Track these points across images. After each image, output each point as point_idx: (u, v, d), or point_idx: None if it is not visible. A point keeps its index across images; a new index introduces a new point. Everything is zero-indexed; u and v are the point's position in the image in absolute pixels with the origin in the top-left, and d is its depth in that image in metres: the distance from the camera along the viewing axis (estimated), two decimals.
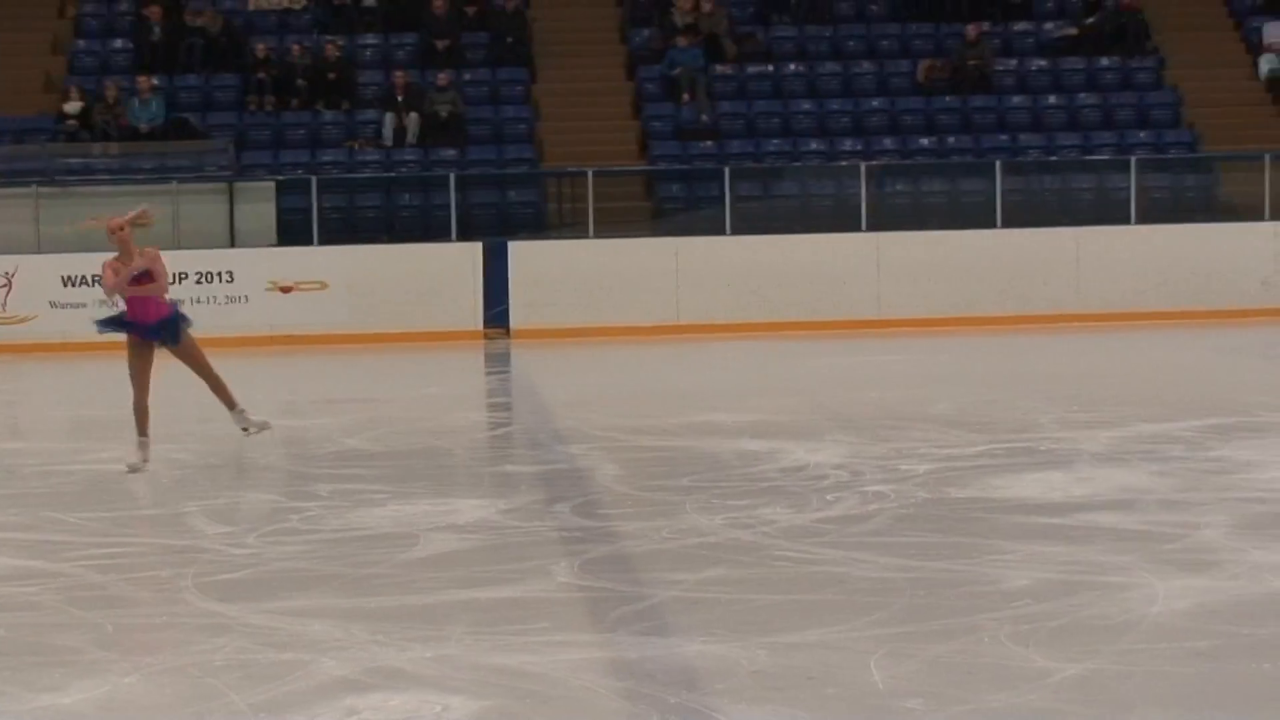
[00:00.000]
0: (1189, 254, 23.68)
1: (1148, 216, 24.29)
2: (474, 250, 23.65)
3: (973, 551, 9.41)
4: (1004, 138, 26.77)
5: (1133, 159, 24.89)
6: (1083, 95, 27.45)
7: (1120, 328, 22.57)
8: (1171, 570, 8.87)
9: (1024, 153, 26.39)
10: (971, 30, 27.68)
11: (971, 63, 27.47)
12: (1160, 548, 9.46)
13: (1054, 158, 26.27)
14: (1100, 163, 25.80)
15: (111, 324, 13.36)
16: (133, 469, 12.67)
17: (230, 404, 13.24)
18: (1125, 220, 24.25)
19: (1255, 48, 27.99)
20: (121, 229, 13.01)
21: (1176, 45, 28.17)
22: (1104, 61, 27.80)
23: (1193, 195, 25.70)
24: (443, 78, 27.23)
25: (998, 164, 24.87)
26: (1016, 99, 27.46)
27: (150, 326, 12.90)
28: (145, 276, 12.91)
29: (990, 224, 24.20)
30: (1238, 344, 20.41)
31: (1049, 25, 28.65)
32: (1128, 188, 24.43)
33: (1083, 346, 21.16)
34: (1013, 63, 28.02)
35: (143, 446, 12.81)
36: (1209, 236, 24.12)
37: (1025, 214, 24.59)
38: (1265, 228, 23.97)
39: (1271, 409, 14.89)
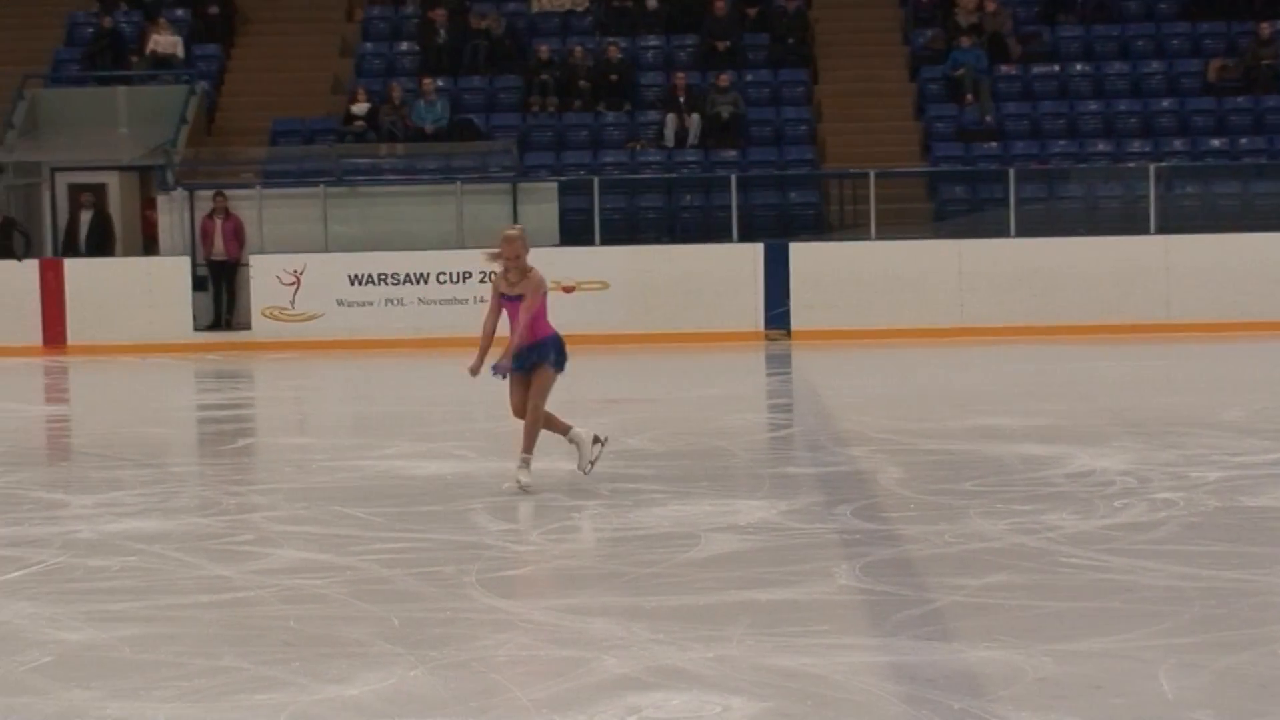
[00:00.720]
0: None
1: None
2: (755, 251, 23.66)
3: (1267, 561, 9.19)
4: None
5: None
6: None
7: None
8: None
9: None
10: (1265, 28, 27.06)
11: (1265, 62, 26.85)
12: None
13: None
14: None
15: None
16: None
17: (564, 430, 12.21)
18: None
19: None
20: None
21: None
22: None
23: None
24: (723, 79, 27.30)
25: None
26: None
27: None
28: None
29: None
30: None
31: None
32: None
33: None
34: None
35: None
36: None
37: None
38: None
39: None
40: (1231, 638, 7.68)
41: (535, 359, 11.80)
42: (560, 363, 11.95)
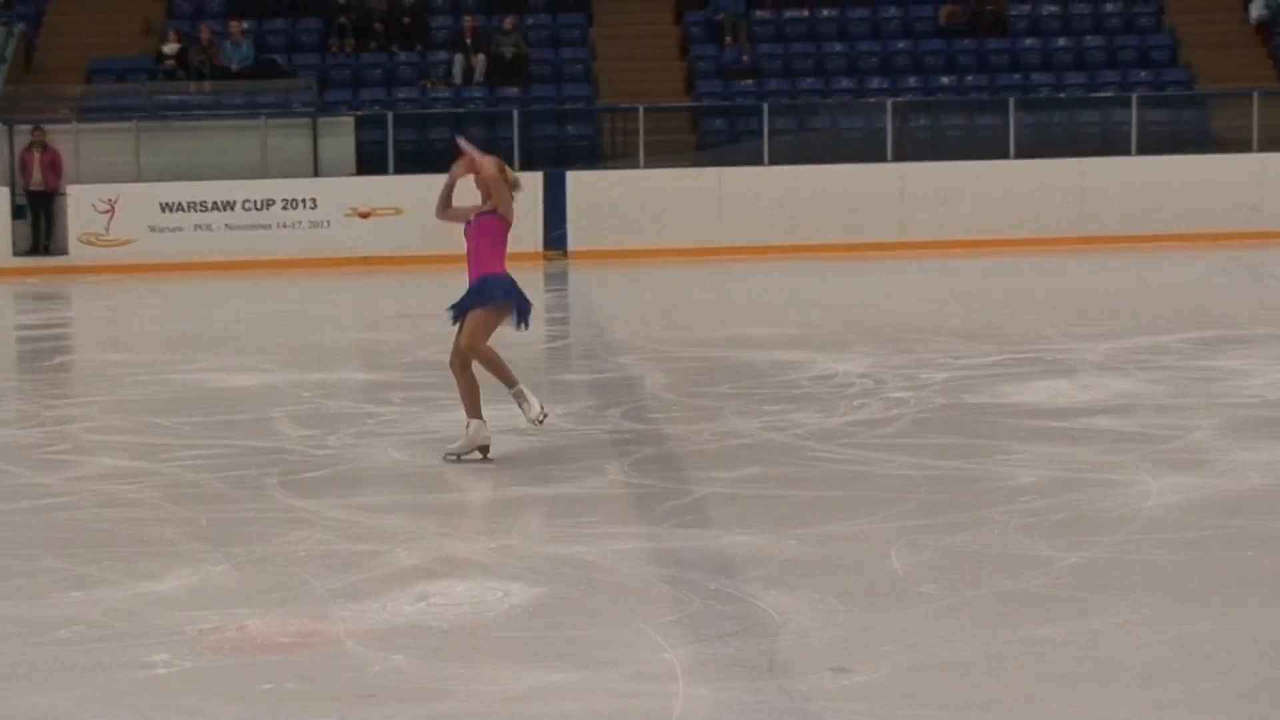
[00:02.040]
0: (1184, 182, 23.48)
1: (1147, 148, 24.08)
2: (535, 180, 23.57)
3: (985, 452, 9.38)
4: (1017, 77, 26.52)
5: (1134, 96, 24.65)
6: (1089, 37, 27.18)
7: (1121, 249, 22.42)
8: (1164, 469, 8.84)
9: (1035, 90, 26.16)
10: None
11: (989, 8, 27.21)
12: (1154, 448, 9.42)
13: (1062, 95, 26.03)
14: (1104, 99, 25.55)
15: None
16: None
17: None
18: (1127, 151, 24.04)
19: None
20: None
21: None
22: (1109, 6, 27.51)
23: (1188, 129, 25.44)
24: (508, 22, 27.10)
25: (1011, 101, 24.68)
26: (1029, 41, 27.21)
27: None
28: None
29: (1004, 155, 24.03)
30: (1227, 264, 20.26)
31: None
32: (1129, 122, 24.21)
33: (1087, 266, 21.03)
34: (1025, 7, 27.74)
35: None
36: (1202, 166, 23.90)
37: (1036, 146, 24.41)
38: (1252, 159, 23.75)
39: (1257, 323, 14.79)
40: (954, 519, 7.84)
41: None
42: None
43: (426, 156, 24.81)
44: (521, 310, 9.67)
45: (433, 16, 28.39)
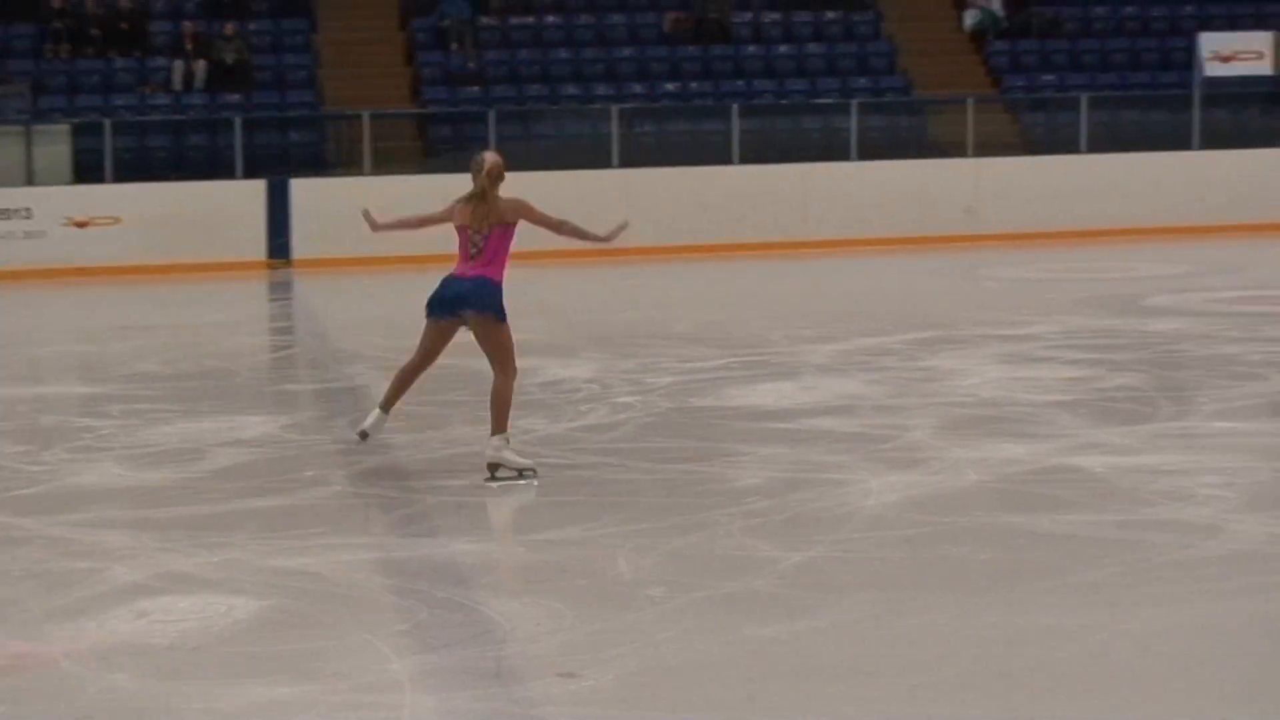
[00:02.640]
0: (903, 187, 24.00)
1: (867, 154, 24.55)
2: (258, 187, 23.25)
3: (710, 455, 9.49)
4: (740, 83, 26.86)
5: (854, 102, 25.12)
6: (810, 45, 27.63)
7: (843, 253, 22.84)
8: (884, 467, 9.03)
9: (758, 96, 26.53)
10: None
11: (712, 15, 27.53)
12: (874, 447, 9.61)
13: (784, 101, 26.44)
14: (825, 106, 26.01)
15: None
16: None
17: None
18: (847, 157, 24.50)
19: (961, 3, 28.34)
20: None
21: (892, 1, 28.45)
22: (829, 15, 27.99)
23: (906, 134, 26.02)
24: (229, 28, 26.69)
25: (735, 107, 24.97)
26: (751, 48, 27.57)
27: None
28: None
29: (727, 161, 24.32)
30: (943, 267, 20.77)
31: None
32: (849, 128, 24.67)
33: (809, 270, 21.40)
34: (748, 15, 28.11)
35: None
36: (920, 171, 24.45)
37: (759, 152, 24.75)
38: (968, 164, 24.37)
39: (972, 324, 15.18)
40: (680, 522, 7.92)
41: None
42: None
43: (146, 165, 24.36)
44: None
45: (151, 22, 27.84)
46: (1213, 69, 25.05)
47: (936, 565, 7.25)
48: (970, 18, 27.89)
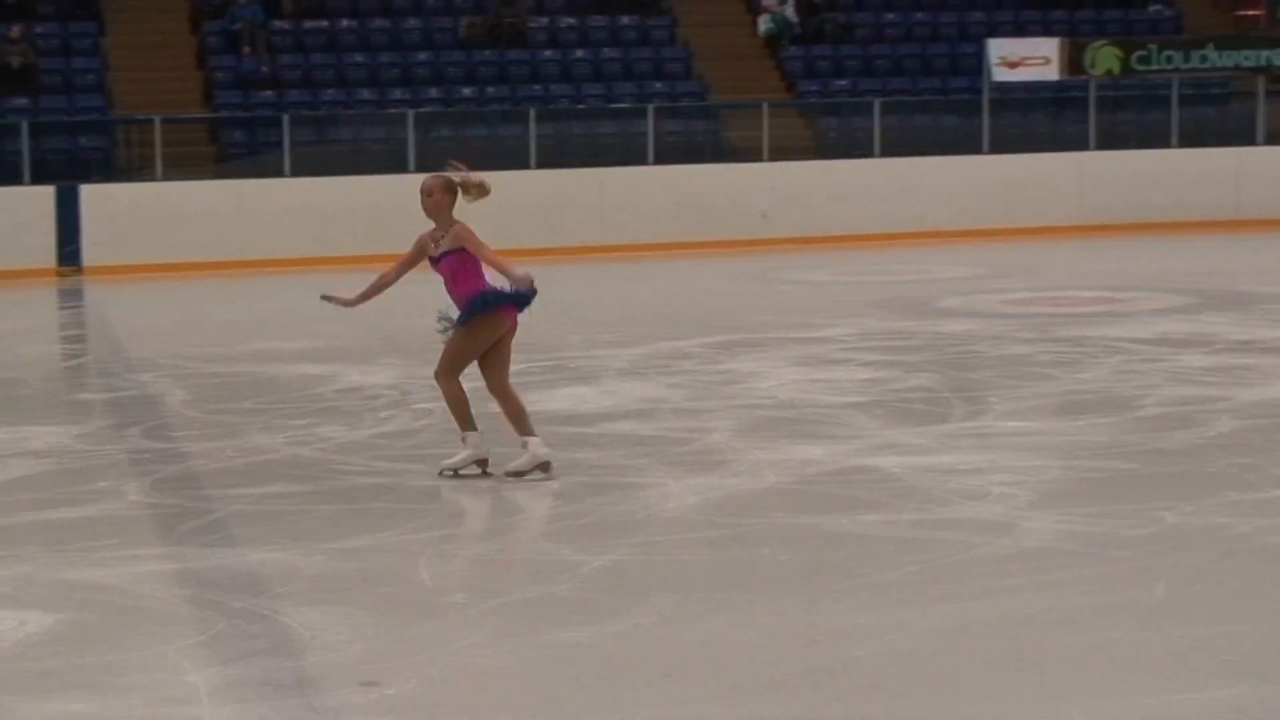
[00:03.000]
0: (699, 191, 24.18)
1: (664, 158, 24.70)
2: (47, 194, 22.79)
3: (510, 460, 9.47)
4: (537, 88, 26.88)
5: (650, 107, 25.26)
6: (607, 50, 27.73)
7: (641, 258, 22.95)
8: (684, 470, 9.09)
9: (555, 101, 26.55)
10: None
11: (508, 20, 27.51)
12: (674, 450, 9.67)
13: (581, 105, 26.49)
14: (622, 110, 26.12)
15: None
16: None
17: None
18: (644, 161, 24.62)
19: (755, 8, 28.61)
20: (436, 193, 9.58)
21: (687, 6, 28.63)
22: (625, 20, 28.11)
23: (702, 139, 26.22)
24: (15, 30, 26.11)
25: (531, 112, 24.98)
26: (548, 53, 27.59)
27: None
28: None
29: (525, 165, 24.30)
30: (741, 270, 20.95)
31: None
32: (646, 133, 24.80)
33: (608, 275, 21.47)
34: (544, 20, 28.12)
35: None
36: (716, 175, 24.66)
37: (557, 156, 24.79)
38: (763, 168, 24.61)
39: (769, 327, 15.32)
40: (480, 528, 7.92)
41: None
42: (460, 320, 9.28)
43: None
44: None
45: None
46: (1001, 74, 25.55)
47: (737, 566, 7.31)
48: (764, 23, 28.17)
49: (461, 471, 8.98)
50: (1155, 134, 26.37)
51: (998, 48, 25.79)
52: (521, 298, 9.10)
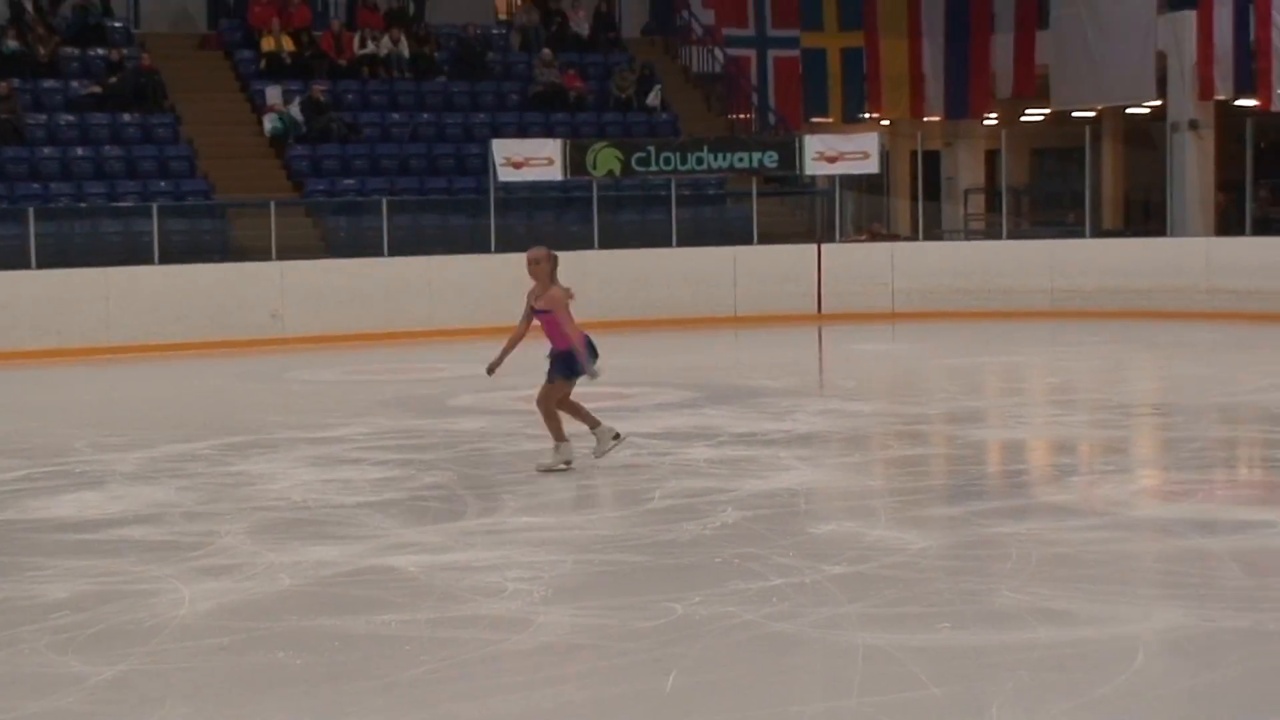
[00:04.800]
0: (208, 291, 23.80)
1: (170, 257, 24.23)
2: None
3: (14, 569, 9.11)
4: (36, 186, 26.04)
5: (155, 205, 24.76)
6: (108, 147, 27.08)
7: (148, 358, 22.42)
8: (196, 575, 8.89)
9: (55, 200, 25.77)
10: (3, 86, 26.79)
11: (3, 116, 26.61)
12: (186, 555, 9.45)
13: (83, 204, 25.77)
14: (126, 209, 25.53)
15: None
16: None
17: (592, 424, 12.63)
18: (150, 260, 24.09)
19: (260, 107, 28.43)
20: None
21: (191, 104, 28.22)
22: (126, 117, 27.52)
23: (209, 238, 25.82)
24: None
25: (30, 210, 24.20)
26: (47, 150, 26.77)
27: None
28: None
29: (26, 265, 23.46)
30: (251, 370, 20.67)
31: (75, 84, 28.09)
32: (150, 231, 24.29)
33: (115, 376, 20.88)
34: (43, 117, 27.32)
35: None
36: (224, 275, 24.31)
37: (58, 256, 24.05)
38: (272, 266, 24.37)
39: (281, 427, 15.15)
40: None
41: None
42: (557, 374, 12.45)
43: None
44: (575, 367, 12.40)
45: None
46: (506, 174, 26.00)
47: (253, 672, 7.17)
48: (270, 122, 28.01)
49: (556, 468, 12.14)
50: (656, 233, 27.20)
51: (502, 148, 26.25)
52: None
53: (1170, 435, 14.15)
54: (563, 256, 25.34)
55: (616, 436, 12.58)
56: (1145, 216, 34.58)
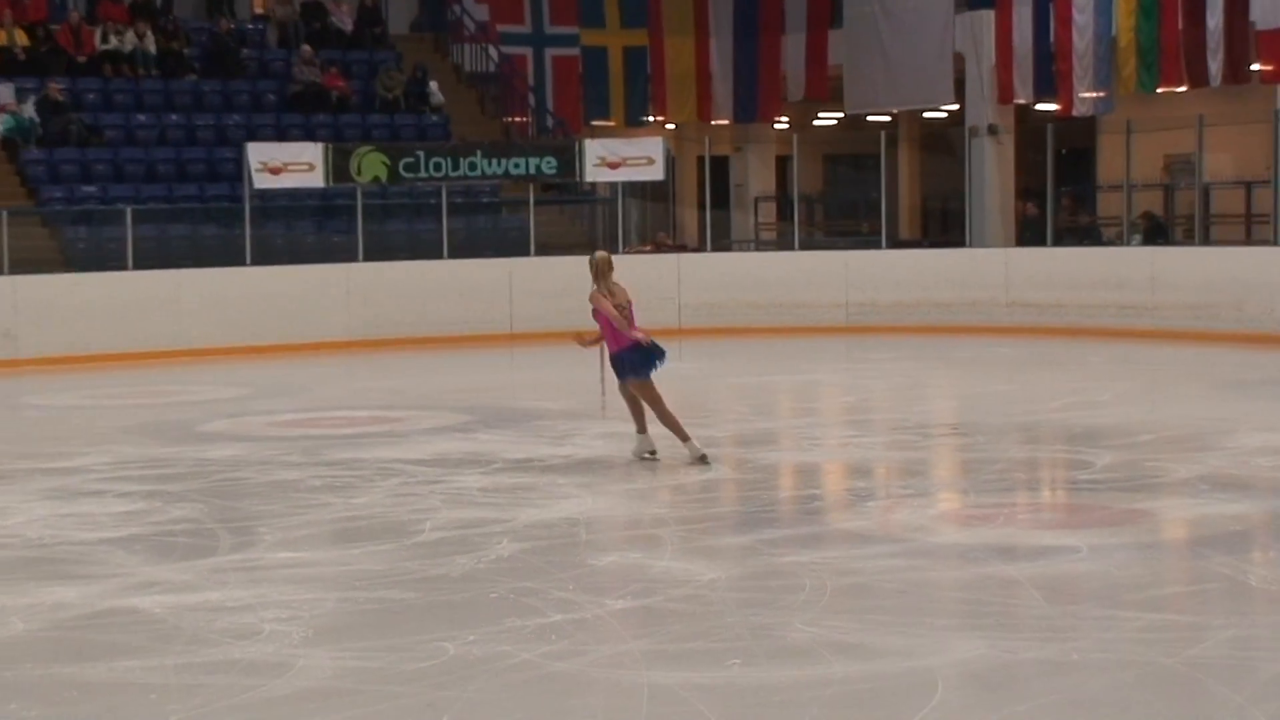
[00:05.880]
0: None
1: None
2: None
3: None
4: None
5: None
6: None
7: None
8: None
9: None
10: None
11: None
12: None
13: None
14: None
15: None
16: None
17: (683, 437, 13.65)
18: None
19: None
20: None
21: None
22: None
23: None
24: None
25: None
26: None
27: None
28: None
29: None
30: None
31: None
32: None
33: None
34: None
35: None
36: None
37: None
38: (5, 282, 23.68)
39: (14, 457, 14.83)
40: None
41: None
42: (629, 376, 13.85)
43: None
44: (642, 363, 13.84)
45: None
46: (263, 181, 25.71)
47: None
48: (1, 124, 27.42)
49: (644, 457, 13.67)
50: (426, 245, 27.08)
51: (258, 152, 25.94)
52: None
53: (970, 456, 14.41)
54: (324, 270, 25.23)
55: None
56: (943, 226, 35.21)
